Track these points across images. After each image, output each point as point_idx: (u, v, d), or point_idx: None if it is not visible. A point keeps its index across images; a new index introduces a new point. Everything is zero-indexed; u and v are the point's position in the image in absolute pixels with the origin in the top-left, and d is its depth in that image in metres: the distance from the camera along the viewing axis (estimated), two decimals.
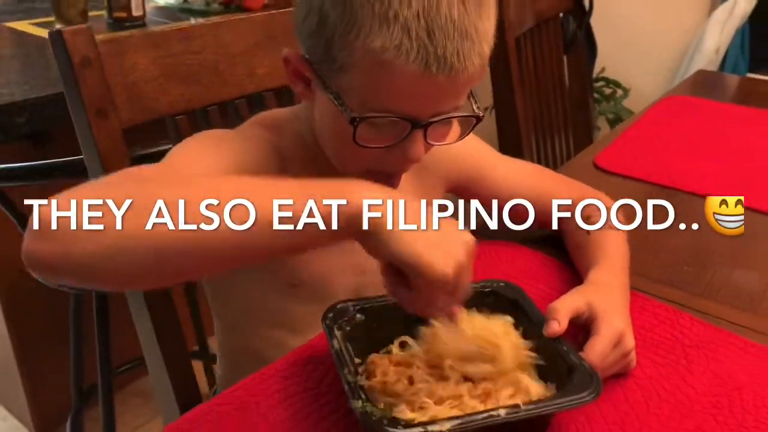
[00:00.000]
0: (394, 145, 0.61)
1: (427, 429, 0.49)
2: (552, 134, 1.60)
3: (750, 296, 0.79)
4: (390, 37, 0.55)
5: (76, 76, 0.73)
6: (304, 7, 0.60)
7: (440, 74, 0.56)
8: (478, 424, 0.50)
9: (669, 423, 0.58)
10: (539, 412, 0.52)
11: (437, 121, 0.61)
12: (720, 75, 1.90)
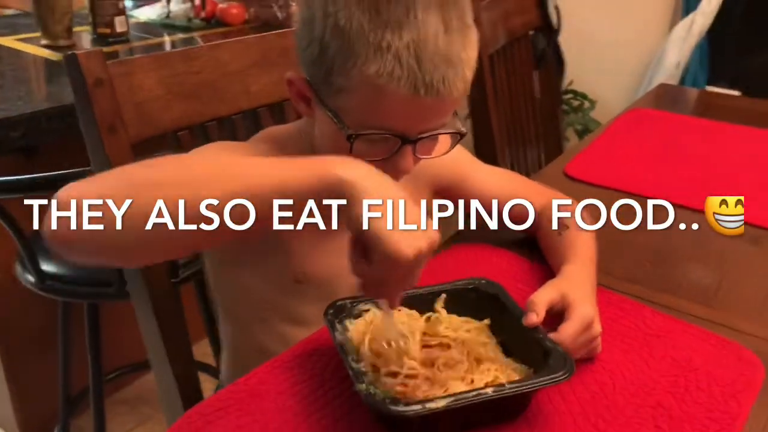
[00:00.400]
0: (386, 158, 0.68)
1: (425, 406, 0.56)
2: (525, 145, 1.69)
3: (705, 291, 0.87)
4: (383, 64, 0.62)
5: (90, 95, 0.79)
6: (306, 37, 0.68)
7: (428, 97, 0.64)
8: (470, 401, 0.57)
9: (633, 400, 0.66)
10: (522, 389, 0.60)
11: (425, 138, 0.68)
12: (680, 89, 2.01)
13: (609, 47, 2.43)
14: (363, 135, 0.66)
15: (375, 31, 0.62)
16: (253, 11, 2.21)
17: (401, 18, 0.62)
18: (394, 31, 0.62)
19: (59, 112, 1.38)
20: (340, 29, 0.63)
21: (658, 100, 1.72)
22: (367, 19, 0.62)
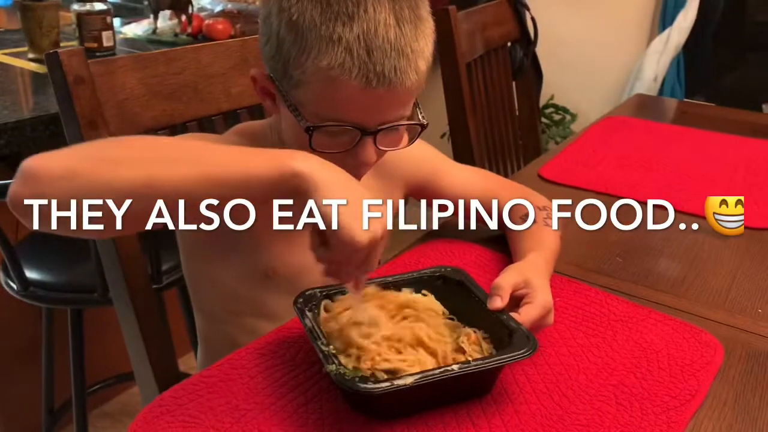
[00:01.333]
0: (348, 151, 0.70)
1: (394, 383, 0.58)
2: (503, 155, 1.72)
3: (671, 281, 0.90)
4: (335, 56, 0.65)
5: (71, 92, 0.81)
6: (265, 33, 0.71)
7: (380, 88, 0.66)
8: (436, 378, 0.59)
9: (596, 379, 0.68)
10: (487, 366, 0.61)
11: (384, 129, 0.70)
12: (657, 98, 2.06)
13: (589, 61, 2.48)
14: (320, 127, 0.69)
15: (326, 24, 0.65)
16: (239, 27, 2.25)
17: (352, 10, 0.64)
18: (344, 24, 0.64)
19: (44, 121, 1.41)
20: (293, 23, 0.66)
21: (635, 109, 1.77)
22: (319, 12, 0.65)
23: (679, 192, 1.17)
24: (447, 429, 0.61)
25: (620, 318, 0.78)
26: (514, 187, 0.96)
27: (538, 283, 0.72)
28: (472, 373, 0.61)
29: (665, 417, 0.64)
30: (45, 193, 0.54)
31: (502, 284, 0.70)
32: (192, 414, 0.60)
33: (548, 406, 0.64)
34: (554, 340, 0.74)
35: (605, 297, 0.83)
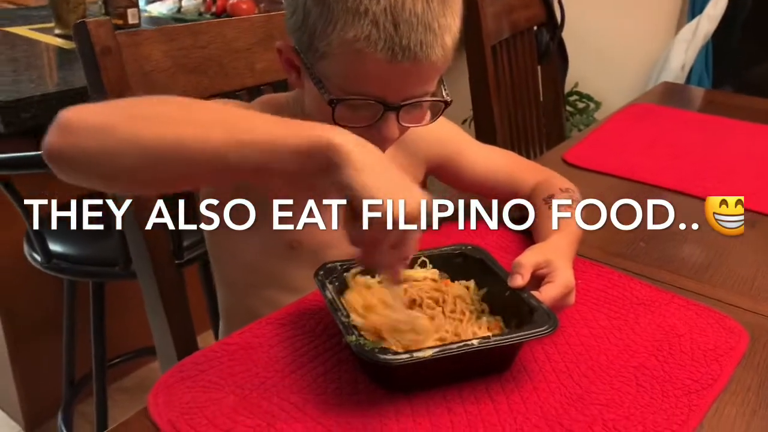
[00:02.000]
0: (371, 125, 0.70)
1: (413, 355, 0.58)
2: (527, 142, 1.70)
3: (695, 267, 0.89)
4: (361, 29, 0.64)
5: (98, 62, 0.82)
6: (291, 5, 0.70)
7: (405, 62, 0.65)
8: (455, 352, 0.59)
9: (616, 360, 0.67)
10: (506, 342, 0.61)
11: (407, 105, 0.70)
12: (683, 86, 2.03)
13: (615, 49, 2.45)
14: (344, 100, 0.68)
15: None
16: (263, 6, 2.25)
17: None
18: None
19: (69, 95, 1.42)
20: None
21: (660, 96, 1.74)
22: None
23: (704, 180, 1.15)
24: (465, 404, 0.61)
25: (643, 301, 0.78)
26: (537, 169, 0.95)
27: (559, 263, 0.71)
28: (491, 349, 0.61)
29: (686, 400, 0.63)
30: (79, 145, 0.55)
31: (524, 262, 0.70)
32: (212, 380, 0.61)
33: (568, 384, 0.64)
34: (575, 321, 0.74)
35: (628, 280, 0.82)
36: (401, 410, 0.59)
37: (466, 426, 0.58)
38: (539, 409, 0.61)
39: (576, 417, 0.60)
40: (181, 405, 0.58)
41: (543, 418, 0.60)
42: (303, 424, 0.57)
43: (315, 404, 0.59)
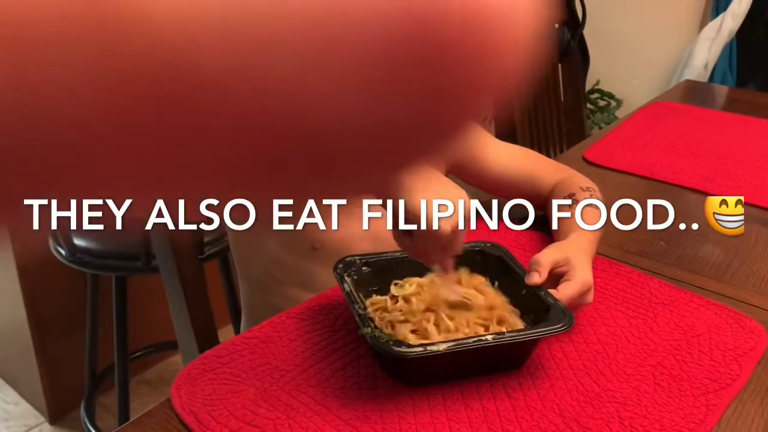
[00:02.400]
0: None
1: (427, 348, 0.59)
2: (547, 141, 1.70)
3: (715, 267, 0.88)
4: None
5: None
6: None
7: None
8: (470, 346, 0.60)
9: (634, 359, 0.68)
10: (521, 338, 0.62)
11: None
12: (706, 84, 2.01)
13: (637, 46, 2.43)
14: None
15: None
16: None
17: None
18: None
19: None
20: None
21: (683, 95, 1.72)
22: None
23: (726, 179, 1.14)
24: (482, 400, 0.61)
25: (662, 300, 0.78)
26: (558, 167, 0.95)
27: (578, 262, 0.71)
28: (506, 345, 0.61)
29: (704, 399, 0.63)
30: None
31: (542, 260, 0.70)
32: (233, 372, 0.62)
33: (585, 382, 0.64)
34: (593, 320, 0.74)
35: (647, 279, 0.82)
36: (418, 405, 0.60)
37: (482, 421, 0.59)
38: (556, 406, 0.61)
39: (593, 415, 0.60)
40: (203, 396, 0.59)
41: (560, 415, 0.60)
42: (321, 417, 0.58)
43: (334, 397, 0.60)
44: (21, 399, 1.85)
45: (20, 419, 1.79)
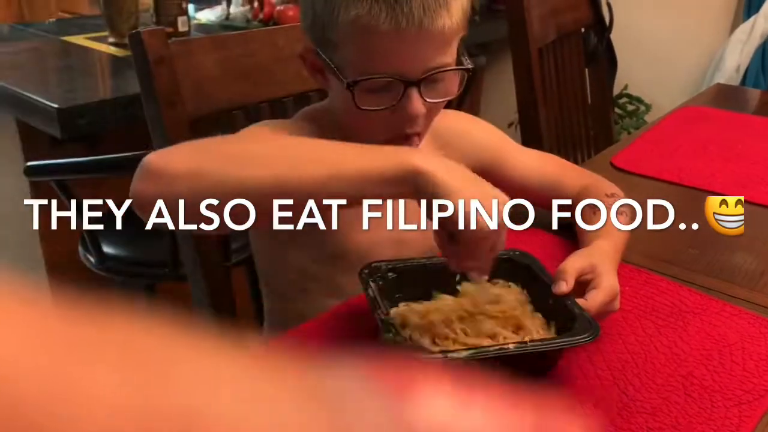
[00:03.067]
0: (395, 106, 0.70)
1: (447, 355, 0.58)
2: (574, 146, 1.68)
3: (748, 275, 0.86)
4: (362, 5, 0.66)
5: (152, 71, 0.84)
6: (303, 6, 0.73)
7: (411, 28, 0.66)
8: (491, 354, 0.59)
9: (664, 369, 0.66)
10: (543, 348, 0.61)
11: (427, 79, 0.70)
12: (738, 88, 1.97)
13: (666, 50, 2.39)
14: (361, 82, 0.69)
15: None
16: None
17: None
18: None
19: (122, 102, 1.47)
20: None
21: (714, 99, 1.70)
22: None
23: (758, 184, 1.12)
24: None
25: (692, 309, 0.76)
26: (582, 173, 0.94)
27: (604, 268, 0.70)
28: (528, 354, 0.60)
29: (737, 411, 0.62)
30: (172, 192, 0.56)
31: (568, 269, 0.69)
32: None
33: (613, 392, 0.63)
34: (622, 329, 0.73)
35: (677, 288, 0.80)
36: None
37: None
38: (584, 416, 0.60)
39: (621, 425, 0.59)
40: None
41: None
42: None
43: None
44: None
45: None
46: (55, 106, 1.34)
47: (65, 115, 1.36)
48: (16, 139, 1.56)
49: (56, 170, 1.28)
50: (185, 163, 0.57)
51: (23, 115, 1.47)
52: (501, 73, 2.54)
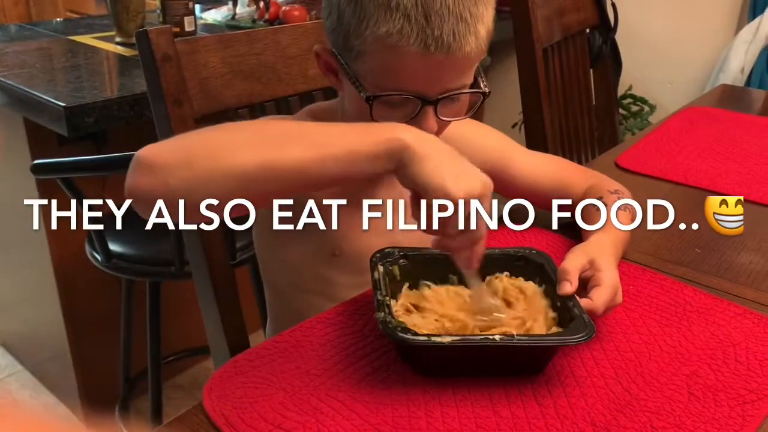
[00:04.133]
0: (409, 122, 0.70)
1: (431, 339, 0.59)
2: (578, 147, 1.68)
3: (753, 275, 0.86)
4: (393, 23, 0.65)
5: (158, 69, 0.85)
6: (327, 6, 0.72)
7: (438, 53, 0.66)
8: (475, 343, 0.60)
9: (667, 368, 0.66)
10: (530, 343, 0.61)
11: (445, 98, 0.70)
12: (743, 89, 1.97)
13: (671, 51, 2.39)
14: (381, 96, 0.69)
15: None
16: (314, 14, 2.28)
17: None
18: None
19: (128, 101, 1.47)
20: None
21: (718, 99, 1.69)
22: None
23: (763, 185, 1.12)
24: (512, 406, 0.61)
25: (697, 309, 0.76)
26: (587, 173, 0.94)
27: (603, 263, 0.70)
28: (516, 348, 0.61)
29: (740, 410, 0.62)
30: (166, 183, 0.56)
31: (569, 268, 0.69)
32: (264, 376, 0.63)
33: (616, 391, 0.63)
34: (626, 327, 0.73)
35: (681, 287, 0.80)
36: (447, 411, 0.60)
37: (511, 429, 0.58)
38: (587, 414, 0.60)
39: (624, 424, 0.59)
40: (233, 399, 0.60)
41: (591, 424, 0.59)
42: (350, 421, 0.58)
43: (363, 402, 0.60)
44: (58, 402, 1.89)
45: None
46: (63, 105, 1.35)
47: (72, 114, 1.37)
48: (24, 138, 1.56)
49: (62, 168, 1.29)
50: (174, 153, 0.58)
51: (31, 114, 1.48)
52: (505, 73, 2.54)
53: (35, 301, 1.83)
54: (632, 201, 0.83)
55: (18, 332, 2.03)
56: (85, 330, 1.77)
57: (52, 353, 1.84)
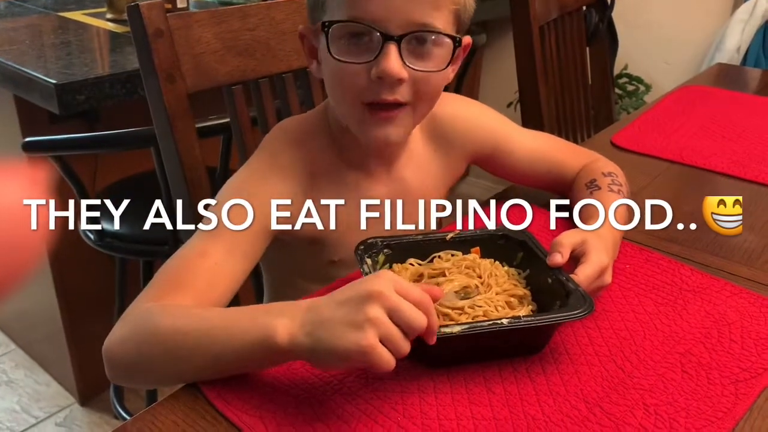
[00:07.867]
0: (372, 62, 0.67)
1: (442, 330, 0.58)
2: (574, 126, 1.67)
3: (748, 253, 0.86)
4: None
5: (150, 44, 0.84)
6: None
7: None
8: (485, 330, 0.59)
9: (662, 347, 0.67)
10: (537, 323, 0.61)
11: (408, 37, 0.67)
12: (738, 68, 1.96)
13: (666, 30, 2.37)
14: (336, 23, 0.67)
15: None
16: None
17: None
18: None
19: (120, 78, 1.46)
20: None
21: (714, 78, 1.69)
22: None
23: (759, 164, 1.12)
24: (505, 384, 0.61)
25: (692, 288, 0.76)
26: (581, 152, 0.93)
27: (593, 243, 0.70)
28: (522, 330, 0.61)
29: (733, 388, 0.62)
30: (128, 379, 0.70)
31: (563, 241, 0.69)
32: None
33: (610, 369, 0.64)
34: (621, 306, 0.73)
35: (677, 266, 0.80)
36: (440, 387, 0.60)
37: (503, 405, 0.59)
38: (580, 391, 0.60)
39: (617, 401, 0.60)
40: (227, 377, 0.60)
41: (583, 400, 0.59)
42: (344, 396, 0.58)
43: (358, 380, 0.60)
44: (52, 380, 1.89)
45: (52, 400, 1.83)
46: (53, 82, 1.33)
47: (63, 92, 1.35)
48: (14, 116, 1.55)
49: (54, 146, 1.27)
50: (126, 355, 0.63)
51: (21, 92, 1.46)
52: (501, 51, 2.52)
53: (29, 280, 1.82)
54: (629, 201, 0.82)
55: (12, 311, 2.02)
56: (79, 309, 1.77)
57: (46, 332, 1.84)
